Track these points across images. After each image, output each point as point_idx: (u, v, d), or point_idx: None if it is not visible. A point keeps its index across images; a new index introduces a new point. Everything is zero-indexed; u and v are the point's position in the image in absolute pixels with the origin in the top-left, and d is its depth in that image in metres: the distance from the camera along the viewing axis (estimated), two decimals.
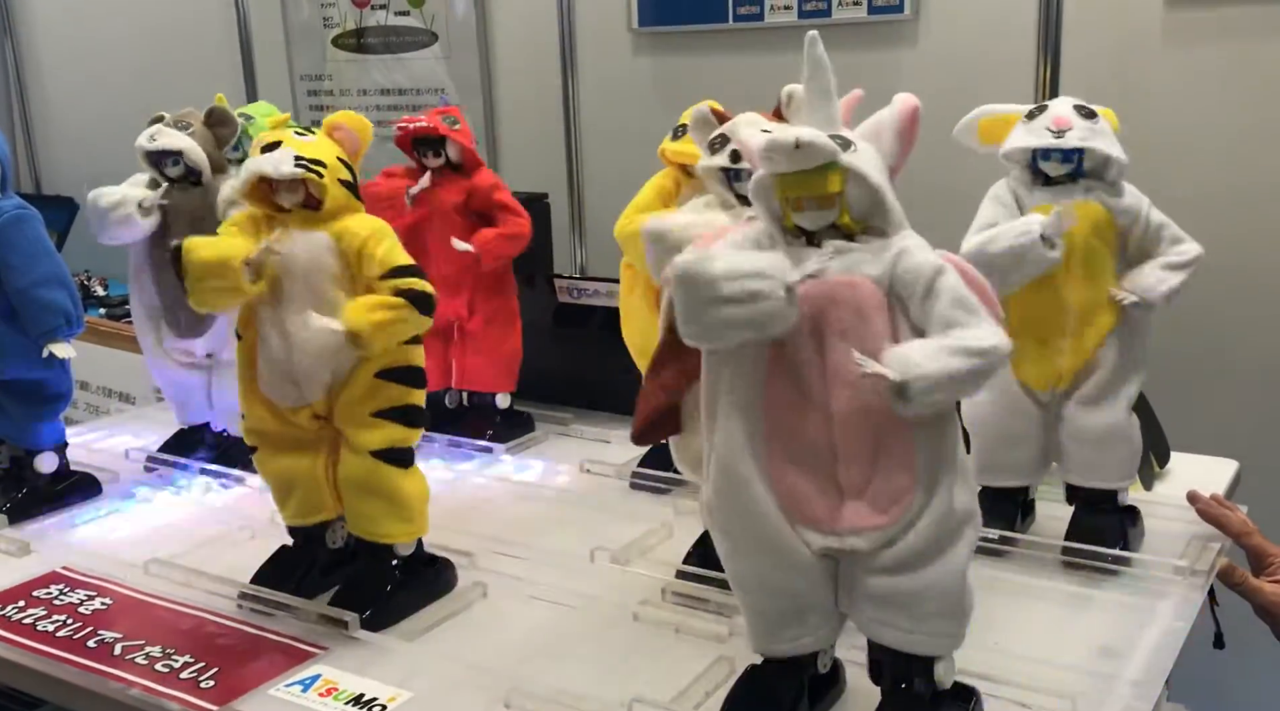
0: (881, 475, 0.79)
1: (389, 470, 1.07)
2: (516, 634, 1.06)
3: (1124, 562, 1.12)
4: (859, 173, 0.78)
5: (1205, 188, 1.84)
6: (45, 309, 1.29)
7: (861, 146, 0.79)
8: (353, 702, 0.95)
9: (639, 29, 2.35)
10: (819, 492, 0.81)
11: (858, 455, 0.80)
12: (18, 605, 1.13)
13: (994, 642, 0.98)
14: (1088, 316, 1.12)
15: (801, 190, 0.78)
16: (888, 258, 0.78)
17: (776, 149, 0.76)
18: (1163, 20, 1.86)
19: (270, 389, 1.07)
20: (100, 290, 2.91)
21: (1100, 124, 1.11)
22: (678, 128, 1.27)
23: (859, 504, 0.80)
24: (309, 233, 1.04)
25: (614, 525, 1.27)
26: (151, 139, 1.37)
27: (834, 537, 0.81)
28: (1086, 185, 1.11)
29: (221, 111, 1.42)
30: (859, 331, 0.78)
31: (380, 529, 1.09)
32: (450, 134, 1.45)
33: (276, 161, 1.01)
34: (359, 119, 1.09)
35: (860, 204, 0.79)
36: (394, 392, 1.06)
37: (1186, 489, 1.24)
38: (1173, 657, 0.98)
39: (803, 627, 0.85)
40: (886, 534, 0.80)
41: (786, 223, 0.81)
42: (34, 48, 3.42)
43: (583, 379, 1.65)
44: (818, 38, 0.81)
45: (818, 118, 0.80)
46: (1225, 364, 1.90)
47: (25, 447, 1.36)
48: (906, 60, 2.07)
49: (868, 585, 0.82)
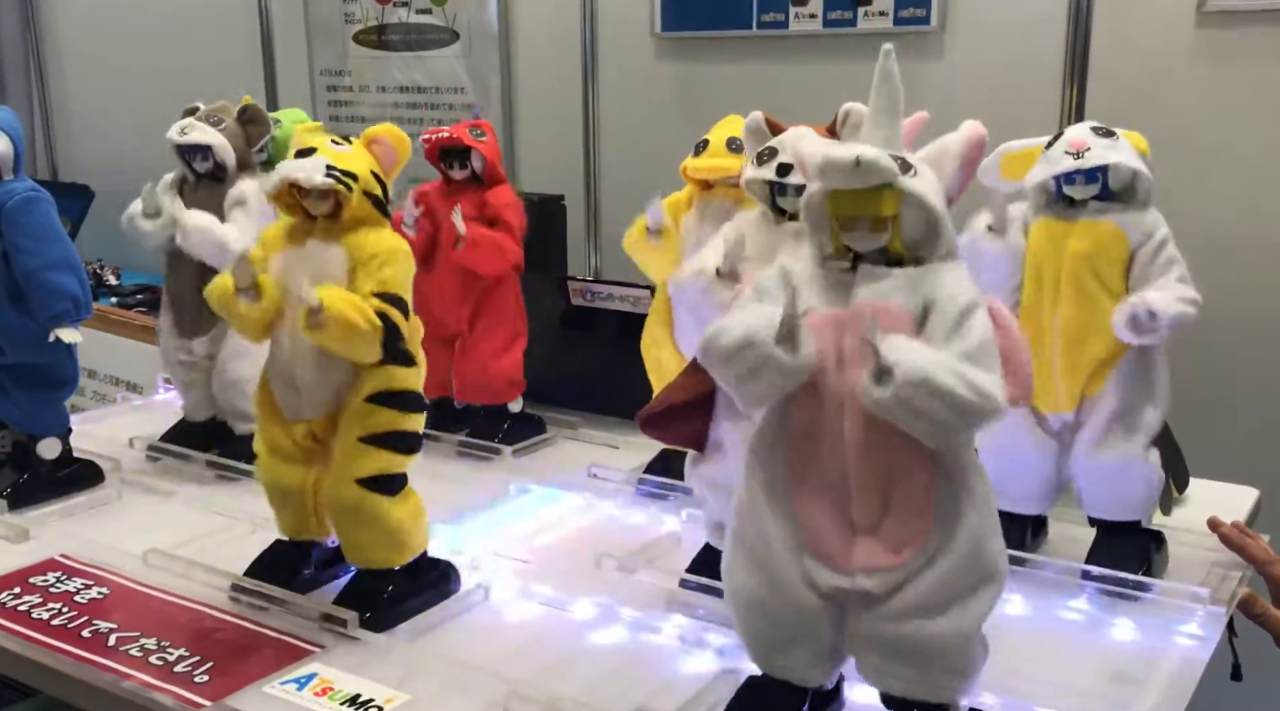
0: (895, 513, 0.77)
1: (376, 499, 1.04)
2: (517, 639, 1.04)
3: (1143, 588, 1.09)
4: (917, 197, 0.75)
5: (1232, 208, 1.82)
6: (53, 293, 1.28)
7: (922, 171, 0.76)
8: (349, 703, 0.93)
9: (661, 33, 2.34)
10: (833, 527, 0.79)
11: (871, 488, 0.77)
12: (13, 591, 1.11)
13: (1008, 666, 0.95)
14: (1078, 337, 1.09)
15: (854, 209, 0.76)
16: (924, 286, 0.75)
17: (834, 166, 0.74)
18: (1193, 38, 1.84)
19: (276, 394, 1.06)
20: (112, 279, 2.91)
21: (1120, 142, 1.09)
22: (700, 143, 1.25)
23: (872, 542, 0.78)
24: (326, 244, 1.04)
25: (620, 531, 1.26)
26: (182, 132, 1.37)
27: (845, 577, 0.78)
28: (1099, 206, 1.09)
29: (256, 110, 1.41)
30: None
31: (371, 557, 1.07)
32: (475, 145, 1.44)
33: (309, 169, 1.01)
34: (398, 134, 1.08)
35: (914, 230, 0.76)
36: (385, 417, 1.04)
37: (1206, 515, 1.21)
38: (1191, 688, 0.95)
39: (789, 659, 0.83)
40: (897, 576, 0.77)
41: (834, 242, 0.78)
42: (55, 37, 3.43)
43: (593, 383, 1.63)
44: (892, 50, 0.78)
45: (879, 135, 0.78)
46: (1247, 389, 1.87)
47: (29, 433, 1.35)
48: (931, 72, 2.05)
49: (875, 631, 0.79)
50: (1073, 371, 1.11)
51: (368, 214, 1.04)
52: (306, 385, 1.04)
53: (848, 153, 0.73)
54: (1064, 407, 1.12)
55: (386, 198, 1.06)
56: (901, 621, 0.78)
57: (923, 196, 0.75)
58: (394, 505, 1.05)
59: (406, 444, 1.06)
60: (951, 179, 0.78)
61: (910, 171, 0.75)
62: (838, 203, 0.76)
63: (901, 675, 0.79)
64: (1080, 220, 1.09)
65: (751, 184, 1.02)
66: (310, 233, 1.05)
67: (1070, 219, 1.10)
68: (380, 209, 1.05)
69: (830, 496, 0.78)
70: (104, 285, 2.86)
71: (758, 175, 1.00)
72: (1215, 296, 1.08)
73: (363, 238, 1.04)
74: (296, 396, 1.05)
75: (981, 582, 0.78)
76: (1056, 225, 1.10)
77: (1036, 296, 1.11)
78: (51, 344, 1.29)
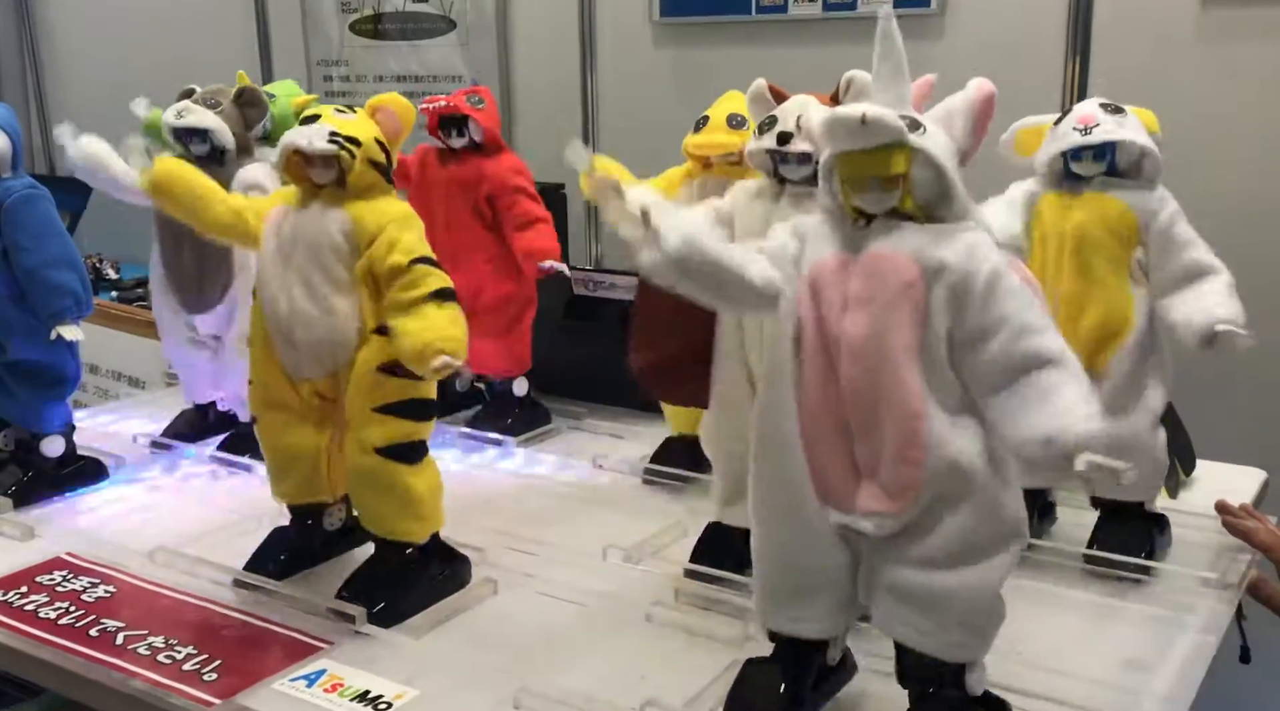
0: (888, 459, 0.77)
1: (396, 467, 1.04)
2: (526, 632, 1.04)
3: (1145, 572, 1.09)
4: (927, 154, 0.74)
5: (1238, 189, 1.80)
6: (54, 290, 1.28)
7: (932, 129, 0.76)
8: (358, 699, 0.93)
9: (660, 20, 2.32)
10: (839, 469, 0.79)
11: (866, 432, 0.78)
12: (20, 591, 1.11)
13: (1017, 652, 0.95)
14: (1078, 308, 1.09)
15: (864, 169, 0.75)
16: (940, 244, 0.75)
17: (841, 123, 0.73)
18: (1197, 18, 1.82)
19: (279, 352, 1.05)
20: (112, 273, 2.90)
21: (1128, 118, 1.08)
22: (699, 120, 1.24)
23: (873, 485, 0.78)
24: (328, 208, 1.03)
25: (626, 522, 1.25)
26: (179, 115, 1.35)
27: (848, 517, 0.80)
28: (1104, 181, 1.08)
29: (253, 92, 1.40)
30: (881, 303, 0.75)
31: (393, 527, 1.06)
32: (473, 113, 1.43)
33: (310, 136, 1.00)
34: (403, 102, 1.07)
35: (925, 189, 0.76)
36: (396, 386, 1.03)
37: (1214, 498, 1.21)
38: (1202, 672, 0.95)
39: (806, 609, 0.83)
40: (896, 522, 0.78)
41: (846, 206, 0.78)
42: (50, 30, 3.41)
43: (597, 372, 1.63)
44: (891, 14, 0.78)
45: (888, 96, 0.77)
46: (1254, 370, 1.86)
47: (32, 431, 1.35)
48: (932, 54, 2.04)
49: (892, 576, 0.80)
50: (1073, 344, 1.10)
51: (373, 181, 1.04)
52: (306, 344, 1.03)
53: (853, 111, 0.73)
54: None
55: (391, 165, 1.06)
56: (919, 570, 0.78)
57: (933, 154, 0.74)
58: (414, 475, 1.05)
59: (421, 410, 1.05)
60: (963, 138, 0.78)
61: (919, 129, 0.75)
62: (848, 164, 0.76)
63: (914, 623, 0.79)
64: (1085, 192, 1.09)
65: (754, 155, 1.02)
66: (316, 196, 1.04)
67: (1074, 192, 1.09)
68: (385, 176, 1.05)
69: (838, 440, 0.79)
70: (104, 279, 2.85)
71: (759, 145, 1.00)
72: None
73: (368, 205, 1.03)
74: (294, 352, 1.04)
75: (1001, 538, 0.78)
76: (1062, 199, 1.10)
77: (1041, 269, 1.10)
78: (53, 341, 1.28)
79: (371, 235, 1.02)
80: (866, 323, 0.75)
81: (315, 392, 1.06)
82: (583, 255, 2.45)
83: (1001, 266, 0.74)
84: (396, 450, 1.04)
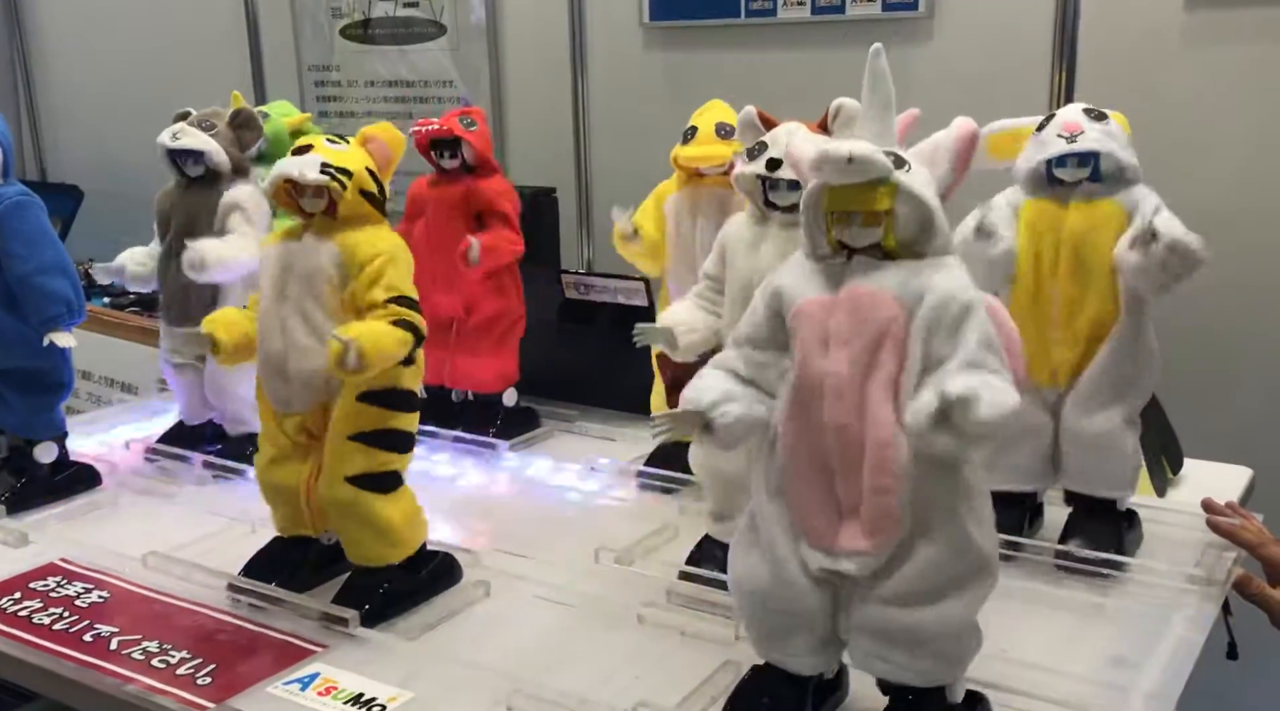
0: (869, 496, 0.78)
1: (367, 497, 1.05)
2: (519, 634, 1.05)
3: (1118, 567, 1.10)
4: (911, 192, 0.76)
5: (1222, 191, 1.82)
6: (46, 297, 1.28)
7: (916, 167, 0.78)
8: (352, 702, 0.93)
9: (650, 23, 2.33)
10: (821, 508, 0.80)
11: (848, 470, 0.78)
12: (13, 597, 1.11)
13: (1004, 650, 0.96)
14: (1076, 309, 1.11)
15: (849, 204, 0.77)
16: (920, 279, 0.76)
17: (829, 161, 0.75)
18: (1182, 21, 1.84)
19: (265, 387, 1.06)
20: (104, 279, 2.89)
21: (1112, 126, 1.10)
22: (688, 130, 1.25)
23: (854, 524, 0.79)
24: (319, 239, 1.04)
25: (619, 524, 1.26)
26: (174, 138, 1.36)
27: (829, 559, 0.80)
28: (1091, 188, 1.09)
29: (248, 114, 1.41)
30: (864, 341, 0.76)
31: (367, 553, 1.07)
32: (466, 136, 1.43)
33: (302, 166, 1.01)
34: (393, 132, 1.08)
35: (908, 226, 0.77)
36: (374, 416, 1.04)
37: (1200, 496, 1.22)
38: (1188, 670, 0.96)
39: (788, 647, 0.84)
40: (876, 561, 0.78)
41: (829, 238, 0.79)
42: (40, 34, 3.40)
43: (589, 375, 1.63)
44: (882, 50, 0.80)
45: (873, 130, 0.79)
46: (1240, 369, 1.88)
47: (25, 437, 1.35)
48: (920, 58, 2.05)
49: (865, 614, 0.80)
50: (1071, 344, 1.12)
51: (365, 212, 1.05)
52: (299, 375, 1.04)
53: (841, 148, 0.74)
54: (1060, 381, 1.13)
55: (383, 195, 1.06)
56: (890, 607, 0.79)
57: (916, 192, 0.76)
58: (386, 503, 1.05)
59: (396, 442, 1.06)
60: (945, 175, 0.79)
61: (904, 167, 0.77)
62: (833, 198, 0.78)
63: (891, 659, 0.80)
64: (1073, 201, 1.10)
65: (741, 179, 1.02)
66: (308, 228, 1.05)
67: (1063, 199, 1.10)
68: (377, 206, 1.05)
69: (819, 480, 0.80)
70: (96, 286, 2.84)
71: (748, 170, 1.01)
72: (1207, 276, 1.08)
73: (359, 236, 1.04)
74: (286, 387, 1.05)
75: (971, 573, 0.79)
76: (1051, 205, 1.11)
77: (1034, 274, 1.12)
78: (45, 348, 1.28)
79: (361, 264, 1.03)
80: (849, 361, 0.76)
81: (302, 428, 1.06)
82: (574, 259, 2.46)
83: (976, 302, 0.76)
84: (368, 480, 1.04)
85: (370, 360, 0.97)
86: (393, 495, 1.06)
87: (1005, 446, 1.15)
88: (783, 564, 0.81)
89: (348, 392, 1.04)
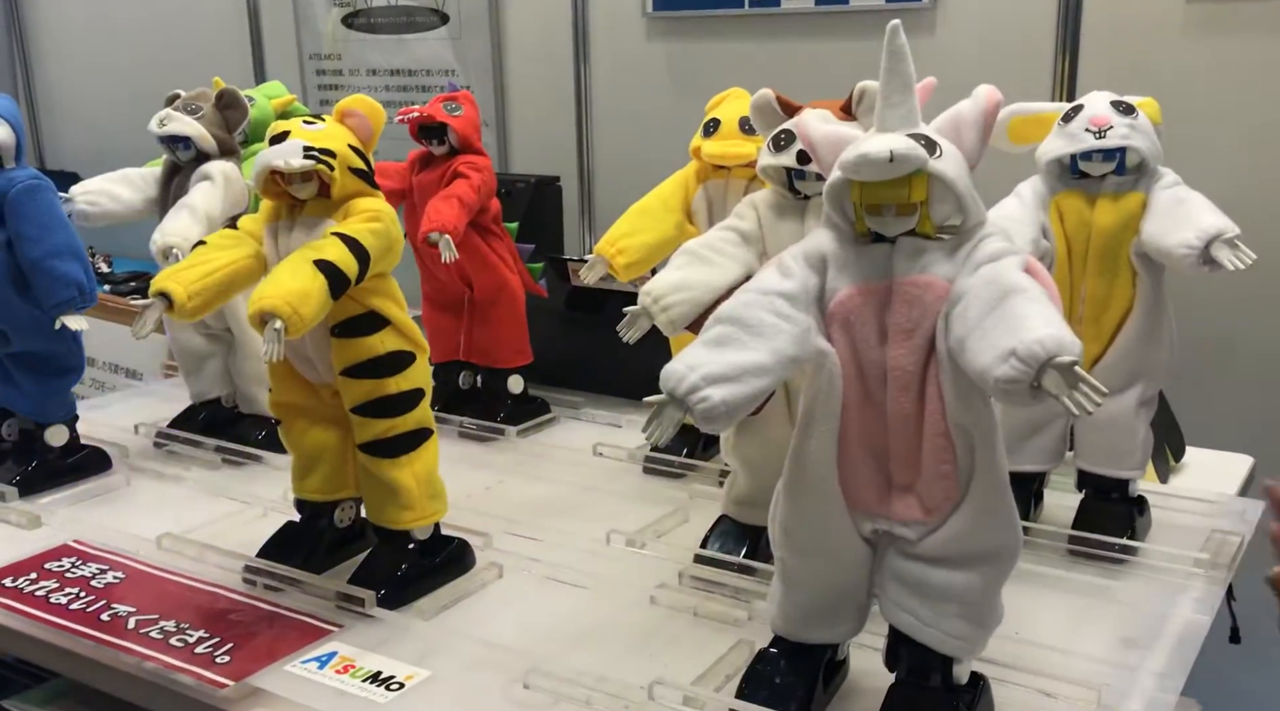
0: (927, 478, 0.79)
1: (377, 461, 1.06)
2: (533, 615, 1.06)
3: (1130, 552, 1.12)
4: (943, 178, 0.74)
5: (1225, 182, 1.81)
6: (58, 280, 1.28)
7: (945, 148, 0.76)
8: (370, 679, 0.94)
9: (653, 13, 2.33)
10: (872, 482, 0.81)
11: (906, 458, 0.80)
12: (29, 577, 1.12)
13: (1016, 632, 0.97)
14: (1103, 305, 1.12)
15: (882, 197, 0.75)
16: (962, 253, 0.76)
17: (869, 163, 0.73)
18: (1184, 12, 1.85)
19: (292, 361, 1.07)
20: (105, 267, 2.89)
21: (1140, 119, 1.09)
22: (710, 123, 1.21)
23: (909, 497, 0.80)
24: (320, 220, 1.03)
25: (628, 509, 1.27)
26: (161, 124, 1.39)
27: (884, 522, 0.82)
28: (1119, 182, 1.10)
29: (232, 94, 1.42)
30: (925, 330, 0.76)
31: (380, 514, 1.09)
32: (448, 120, 1.43)
33: (286, 154, 0.99)
34: (372, 104, 1.07)
35: (943, 209, 0.77)
36: (364, 388, 1.05)
37: (1203, 484, 1.24)
38: (1195, 651, 0.97)
39: (835, 622, 0.86)
40: (930, 527, 0.80)
41: (859, 226, 0.79)
42: (39, 22, 3.39)
43: (594, 363, 1.64)
44: (899, 27, 0.77)
45: (898, 114, 0.77)
46: (1242, 358, 1.89)
47: (36, 421, 1.35)
48: (924, 49, 2.06)
49: (901, 567, 0.82)
50: (1096, 339, 1.13)
51: (356, 188, 1.04)
52: (320, 358, 1.06)
53: (881, 149, 0.72)
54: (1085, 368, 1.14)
55: (370, 168, 1.05)
56: (929, 563, 0.80)
57: (950, 179, 0.75)
58: (396, 468, 1.07)
59: (390, 407, 1.05)
60: (972, 148, 0.78)
61: (936, 151, 0.75)
62: (866, 191, 0.76)
63: (916, 611, 0.81)
64: (1100, 196, 1.10)
65: (769, 171, 1.01)
66: (303, 210, 1.04)
67: (1091, 192, 1.11)
68: (367, 181, 1.05)
69: (872, 463, 0.81)
70: (96, 273, 2.84)
71: (776, 162, 0.99)
72: None
73: (350, 207, 1.03)
74: (307, 363, 1.07)
75: (1003, 546, 0.80)
76: (1079, 201, 1.11)
77: (1066, 270, 1.12)
78: (57, 331, 1.29)
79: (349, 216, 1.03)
80: (912, 350, 0.76)
81: (335, 394, 1.08)
82: (578, 247, 2.47)
83: (1007, 251, 0.76)
84: (375, 446, 1.06)
85: (288, 318, 0.93)
86: (404, 458, 1.07)
87: (1025, 430, 1.16)
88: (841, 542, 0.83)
89: (336, 369, 1.04)
